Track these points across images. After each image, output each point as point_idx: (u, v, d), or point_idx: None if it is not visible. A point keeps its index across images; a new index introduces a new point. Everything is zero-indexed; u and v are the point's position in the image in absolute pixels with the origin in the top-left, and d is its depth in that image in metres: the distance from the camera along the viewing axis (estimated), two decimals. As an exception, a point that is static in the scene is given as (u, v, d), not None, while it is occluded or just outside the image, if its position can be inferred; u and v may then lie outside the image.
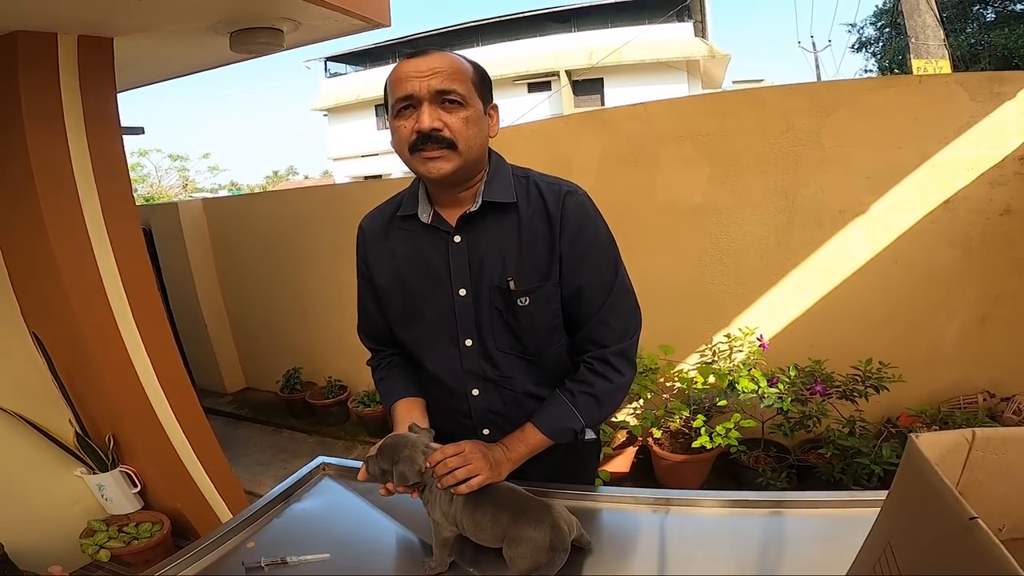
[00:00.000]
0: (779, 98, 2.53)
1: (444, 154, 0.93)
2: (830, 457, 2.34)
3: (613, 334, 1.03)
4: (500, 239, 1.00)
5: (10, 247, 2.16)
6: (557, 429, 1.02)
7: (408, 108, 0.93)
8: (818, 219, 2.51)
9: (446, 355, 1.05)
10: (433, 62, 0.92)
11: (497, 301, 1.00)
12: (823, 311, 2.58)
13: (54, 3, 1.77)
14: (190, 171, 16.30)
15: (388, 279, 1.08)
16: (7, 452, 2.15)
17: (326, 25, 2.35)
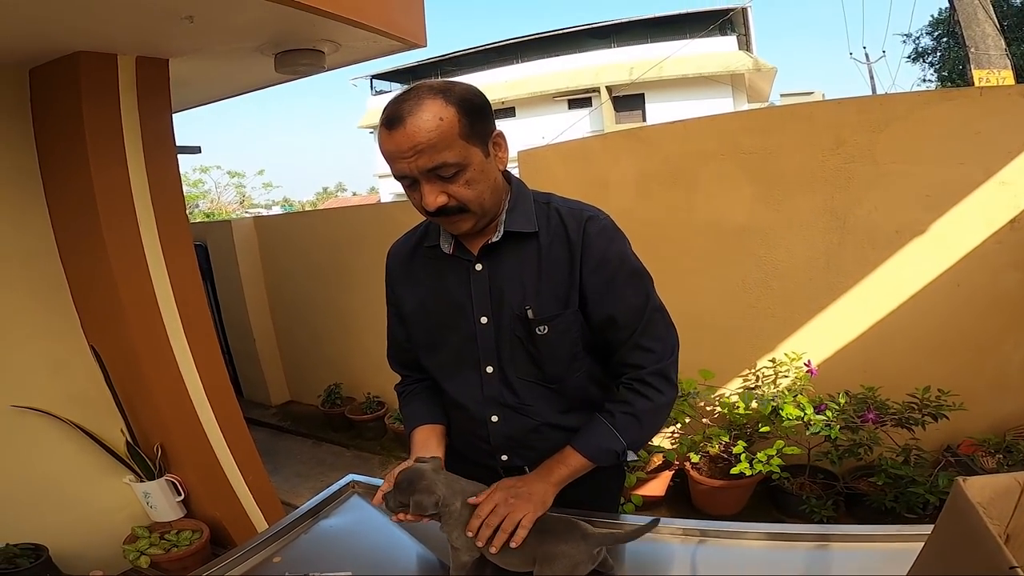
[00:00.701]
0: (828, 113, 2.44)
1: (459, 218, 0.94)
2: (882, 485, 2.22)
3: (650, 356, 1.01)
4: (520, 267, 1.00)
5: (72, 264, 2.28)
6: (598, 451, 0.99)
7: (408, 183, 0.92)
8: (872, 239, 2.39)
9: (467, 381, 1.06)
10: (413, 136, 0.85)
11: (517, 329, 1.00)
12: (877, 336, 2.44)
13: (112, 23, 1.86)
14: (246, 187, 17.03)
15: (413, 307, 1.10)
16: (61, 458, 2.26)
17: (364, 46, 2.42)
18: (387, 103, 0.90)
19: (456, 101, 0.88)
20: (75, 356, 2.30)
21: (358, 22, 2.07)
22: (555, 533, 0.86)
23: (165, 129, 2.31)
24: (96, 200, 2.09)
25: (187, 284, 2.35)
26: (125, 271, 2.17)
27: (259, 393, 4.69)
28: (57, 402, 2.22)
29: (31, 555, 2.00)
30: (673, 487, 2.69)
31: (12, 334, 2.16)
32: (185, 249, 2.38)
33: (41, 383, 2.21)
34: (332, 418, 4.13)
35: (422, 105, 0.86)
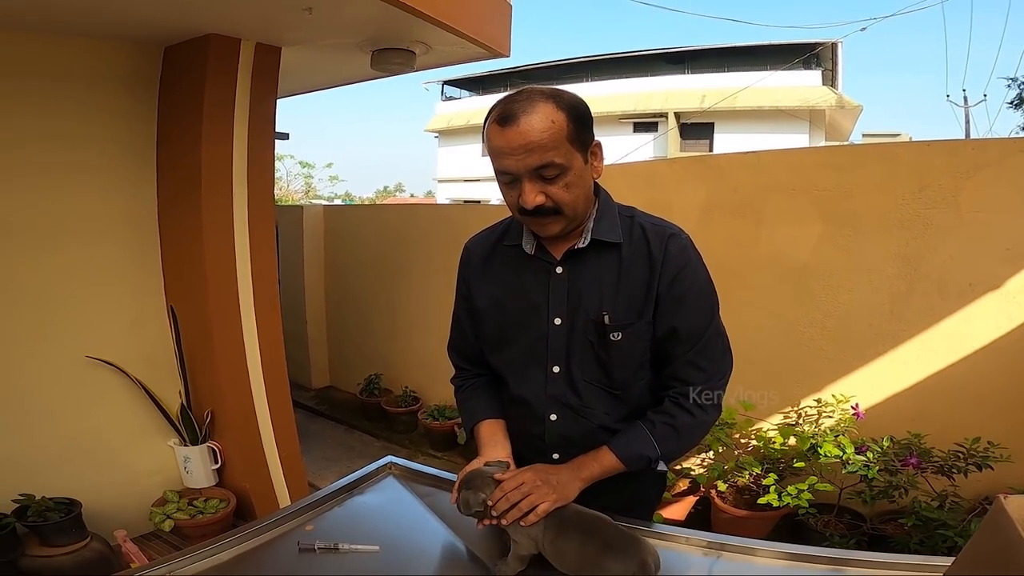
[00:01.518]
0: (913, 154, 2.35)
1: (552, 220, 0.97)
2: (910, 528, 2.14)
3: (701, 375, 1.03)
4: (600, 274, 1.03)
5: (167, 228, 2.45)
6: (631, 455, 1.02)
7: (510, 180, 0.95)
8: (943, 290, 2.28)
9: (532, 379, 1.08)
10: (526, 134, 0.89)
11: (590, 333, 1.03)
12: (933, 387, 2.34)
13: (243, 10, 2.03)
14: (314, 178, 17.73)
15: (487, 303, 1.12)
16: (117, 414, 2.39)
17: (453, 51, 2.52)
18: (497, 103, 0.94)
19: (566, 106, 0.92)
20: (152, 316, 2.46)
21: (451, 27, 2.17)
22: (615, 550, 0.86)
23: (269, 113, 2.47)
24: (201, 173, 2.26)
25: (264, 261, 2.50)
26: (214, 241, 2.33)
27: (302, 375, 4.84)
28: (128, 358, 2.37)
29: (64, 509, 2.09)
30: (694, 513, 2.65)
31: (102, 287, 2.34)
32: (268, 228, 2.53)
33: (117, 338, 2.37)
34: (368, 407, 4.22)
35: (535, 106, 0.90)
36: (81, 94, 2.21)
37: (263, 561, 1.01)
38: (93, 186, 2.29)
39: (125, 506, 2.34)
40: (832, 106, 15.45)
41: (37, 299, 2.19)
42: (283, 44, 2.40)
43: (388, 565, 0.98)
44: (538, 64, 20.53)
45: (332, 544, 1.00)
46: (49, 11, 1.91)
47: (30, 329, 2.17)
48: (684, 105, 16.77)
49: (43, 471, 2.15)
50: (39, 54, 2.10)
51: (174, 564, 0.95)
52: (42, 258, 2.19)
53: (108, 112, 2.29)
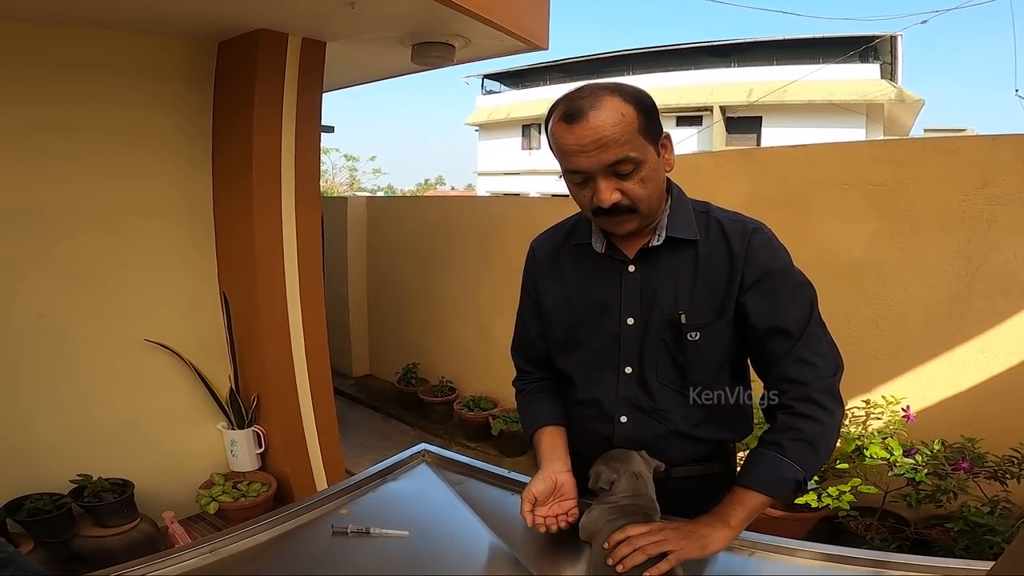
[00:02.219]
0: (977, 149, 2.21)
1: (626, 217, 0.93)
2: (956, 533, 2.04)
3: (814, 371, 0.95)
4: (675, 272, 0.99)
5: (221, 216, 2.56)
6: (776, 483, 0.92)
7: (582, 179, 0.91)
8: (1005, 290, 2.15)
9: (602, 380, 1.05)
10: (597, 130, 0.85)
11: (665, 333, 0.99)
12: (991, 391, 2.21)
13: (291, 6, 2.11)
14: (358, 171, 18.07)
15: (555, 303, 1.09)
16: (172, 396, 2.50)
17: (491, 44, 2.52)
18: (559, 101, 0.90)
19: (633, 99, 0.89)
20: (206, 301, 2.57)
21: (490, 20, 2.17)
22: None
23: (315, 106, 2.54)
24: (253, 163, 2.35)
25: (310, 250, 2.57)
26: (264, 229, 2.42)
27: (343, 363, 4.94)
28: (182, 342, 2.48)
29: (117, 490, 2.18)
30: None
31: (162, 273, 2.46)
32: (314, 218, 2.60)
33: (174, 322, 2.48)
34: (404, 396, 4.29)
35: (602, 101, 0.86)
36: (144, 86, 2.33)
37: (299, 542, 1.04)
38: (155, 172, 2.41)
39: (173, 488, 2.44)
40: (891, 100, 14.68)
41: (101, 281, 2.31)
42: (328, 39, 2.46)
43: (416, 549, 0.99)
44: (578, 58, 20.29)
45: (364, 528, 1.03)
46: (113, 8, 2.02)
47: (93, 310, 2.29)
48: (730, 98, 16.27)
49: (99, 451, 2.27)
50: (106, 49, 2.21)
51: (216, 543, 0.99)
52: (105, 239, 2.31)
53: (169, 103, 2.40)
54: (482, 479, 1.23)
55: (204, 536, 1.03)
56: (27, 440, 2.14)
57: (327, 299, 4.87)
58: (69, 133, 2.17)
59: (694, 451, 1.04)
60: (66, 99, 2.15)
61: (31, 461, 2.14)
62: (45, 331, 2.18)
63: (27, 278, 2.14)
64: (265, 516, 1.07)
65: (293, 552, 1.02)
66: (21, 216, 2.10)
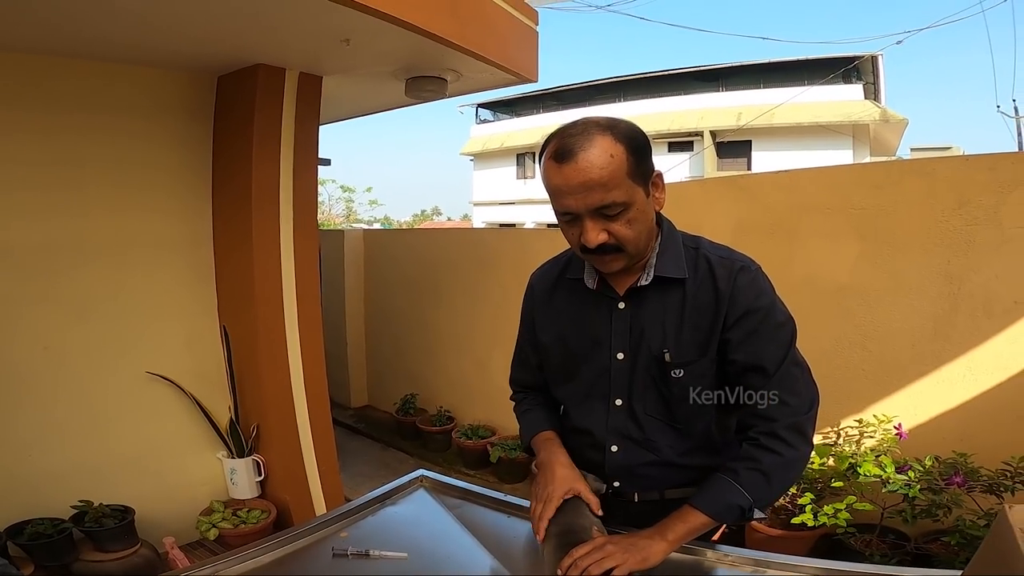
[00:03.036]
0: (952, 170, 2.29)
1: (614, 256, 0.95)
2: (954, 546, 2.05)
3: (785, 410, 0.97)
4: (663, 310, 1.01)
5: (221, 250, 2.61)
6: (722, 507, 0.96)
7: (570, 218, 0.93)
8: (988, 309, 2.21)
9: (594, 410, 1.08)
10: (585, 172, 0.86)
11: (652, 369, 1.02)
12: (980, 407, 2.25)
13: (288, 42, 2.19)
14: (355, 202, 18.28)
15: (551, 337, 1.12)
16: (172, 427, 2.52)
17: (482, 78, 2.63)
18: (553, 136, 0.91)
19: (624, 138, 0.89)
20: (206, 334, 2.61)
21: (480, 55, 2.27)
22: None
23: (312, 140, 2.62)
24: (252, 195, 2.41)
25: (307, 282, 2.62)
26: (263, 262, 2.47)
27: (341, 394, 4.95)
28: (183, 375, 2.51)
29: (118, 516, 2.20)
30: (729, 532, 2.56)
31: (164, 306, 2.50)
32: (311, 250, 2.66)
33: (174, 354, 2.52)
34: (403, 426, 4.29)
35: (592, 141, 0.87)
36: (146, 119, 2.39)
37: (299, 564, 1.06)
38: (157, 207, 2.46)
39: (174, 514, 2.45)
40: (876, 120, 15.00)
41: (104, 314, 2.35)
42: (324, 73, 2.55)
43: (415, 571, 1.01)
44: (571, 85, 20.71)
45: (363, 550, 1.05)
46: (113, 41, 2.08)
47: (96, 344, 2.33)
48: (720, 123, 16.59)
49: (100, 478, 2.28)
50: (107, 82, 2.28)
51: (219, 565, 1.01)
52: (110, 274, 2.36)
53: (170, 136, 2.47)
54: (479, 503, 1.25)
55: (205, 559, 1.05)
56: (29, 468, 2.16)
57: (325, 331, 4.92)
58: (72, 167, 2.22)
59: (684, 477, 1.07)
60: (68, 133, 2.21)
61: (33, 488, 2.15)
62: (48, 363, 2.21)
63: (32, 312, 2.18)
64: (266, 539, 1.09)
65: (294, 573, 1.05)
66: (26, 251, 2.15)
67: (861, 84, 15.85)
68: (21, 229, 2.14)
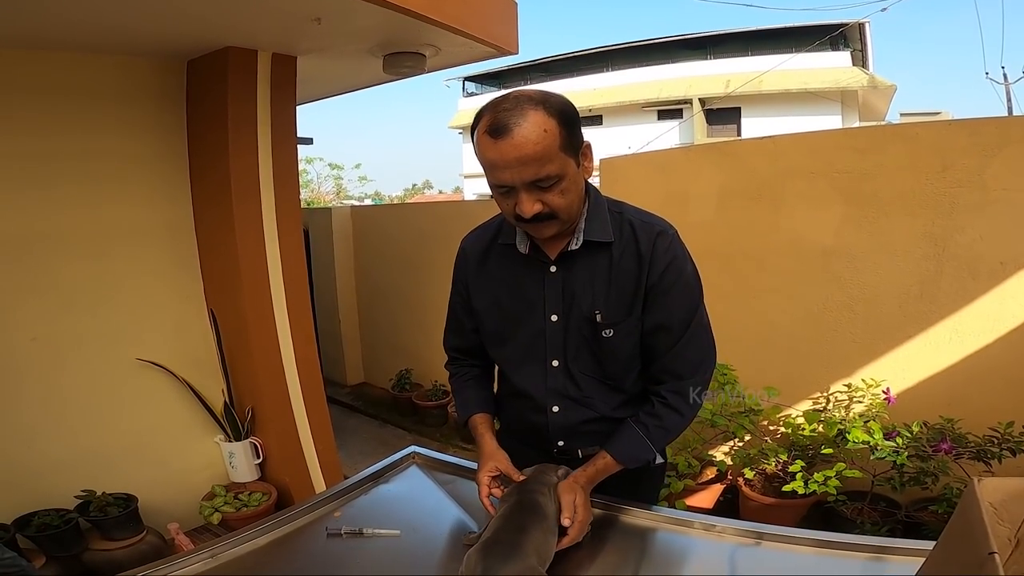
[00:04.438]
0: (934, 135, 2.29)
1: (547, 224, 0.98)
2: (942, 514, 2.10)
3: (688, 366, 1.07)
4: (592, 273, 1.05)
5: (204, 235, 2.58)
6: (629, 457, 1.08)
7: (505, 190, 0.95)
8: (973, 270, 2.23)
9: (533, 373, 1.12)
10: (520, 147, 0.87)
11: (584, 329, 1.07)
12: (967, 370, 2.28)
13: (257, 22, 2.12)
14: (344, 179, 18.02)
15: (485, 302, 1.15)
16: (167, 412, 2.52)
17: (462, 51, 2.57)
18: (485, 110, 0.93)
19: (556, 113, 0.91)
20: (195, 319, 2.60)
21: (458, 29, 2.22)
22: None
23: (290, 120, 2.57)
24: (231, 181, 2.37)
25: (293, 262, 2.60)
26: (246, 245, 2.44)
27: (337, 372, 4.98)
28: (174, 360, 2.51)
29: (122, 504, 2.22)
30: (723, 502, 2.64)
31: (150, 295, 2.49)
32: (295, 230, 2.63)
33: (164, 340, 2.51)
34: (399, 402, 4.33)
35: (526, 116, 0.88)
36: (116, 110, 2.34)
37: (295, 545, 1.09)
38: (134, 196, 2.42)
39: (176, 500, 2.47)
40: (864, 86, 14.92)
41: (89, 305, 2.33)
42: (298, 53, 2.49)
43: (409, 547, 1.04)
44: (558, 56, 20.37)
45: (357, 529, 1.07)
46: (72, 28, 2.01)
47: (85, 333, 2.32)
48: (708, 90, 16.43)
49: (102, 468, 2.30)
50: (72, 73, 2.22)
51: (216, 548, 1.03)
52: (91, 265, 2.33)
53: (141, 126, 2.41)
54: (471, 478, 1.25)
55: (205, 543, 1.07)
56: (30, 459, 2.17)
57: (317, 310, 4.88)
58: (45, 161, 2.18)
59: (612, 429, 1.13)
60: (38, 127, 2.16)
61: (35, 479, 2.16)
62: (39, 355, 2.20)
63: (19, 304, 2.16)
64: (262, 521, 1.11)
65: (290, 555, 1.07)
66: (8, 243, 2.12)
67: (849, 51, 15.74)
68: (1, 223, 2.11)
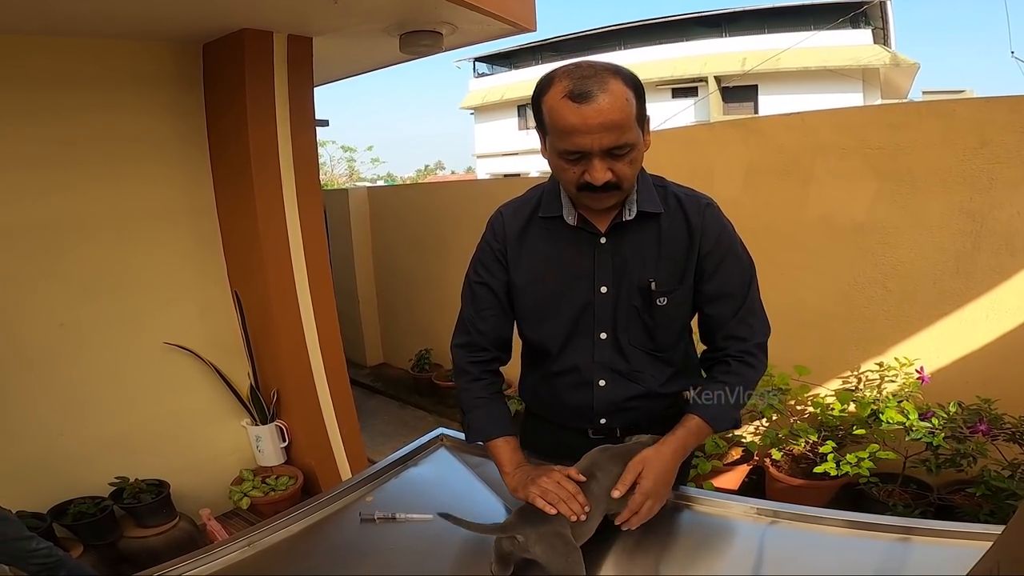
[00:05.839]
0: (972, 111, 2.21)
1: (609, 194, 0.97)
2: (979, 498, 2.05)
3: (752, 330, 1.10)
4: (642, 243, 1.06)
5: (226, 218, 2.58)
6: (718, 418, 1.06)
7: (577, 156, 0.93)
8: (1011, 246, 2.16)
9: (579, 347, 1.10)
10: (603, 113, 0.87)
11: (635, 300, 1.06)
12: (1004, 348, 2.22)
13: (272, 4, 2.10)
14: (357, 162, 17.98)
15: (526, 276, 1.11)
16: (195, 396, 2.54)
17: (478, 29, 2.53)
18: (558, 75, 0.91)
19: (631, 84, 0.92)
20: (219, 302, 2.61)
21: (475, 5, 2.17)
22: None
23: (307, 101, 2.54)
24: (251, 164, 2.36)
25: (315, 243, 2.60)
26: (268, 227, 2.44)
27: (356, 353, 4.99)
28: (201, 343, 2.52)
29: (154, 490, 2.24)
30: (748, 483, 2.63)
31: (174, 276, 2.50)
32: (316, 211, 2.62)
33: (190, 324, 2.52)
34: (419, 382, 4.35)
35: (608, 84, 0.88)
36: (134, 93, 2.33)
37: (330, 531, 1.08)
38: (156, 179, 2.43)
39: (205, 485, 2.50)
40: (886, 64, 14.49)
41: (114, 288, 2.34)
42: (313, 34, 2.46)
43: (442, 532, 1.01)
44: (570, 35, 20.02)
45: (390, 514, 1.07)
46: (88, 15, 1.99)
47: (110, 317, 2.33)
48: (724, 68, 16.09)
49: (132, 454, 2.33)
50: (90, 59, 2.21)
51: (253, 536, 1.03)
52: (115, 249, 2.34)
53: (160, 108, 2.40)
54: None
55: (240, 531, 1.06)
56: (61, 447, 2.20)
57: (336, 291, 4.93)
58: (65, 146, 2.18)
59: (663, 406, 1.13)
60: (54, 111, 2.15)
61: (68, 467, 2.19)
62: (66, 341, 2.22)
63: (43, 290, 2.18)
64: (296, 508, 1.11)
65: (325, 541, 1.06)
66: (25, 230, 2.13)
67: (870, 29, 15.26)
68: (17, 209, 2.11)
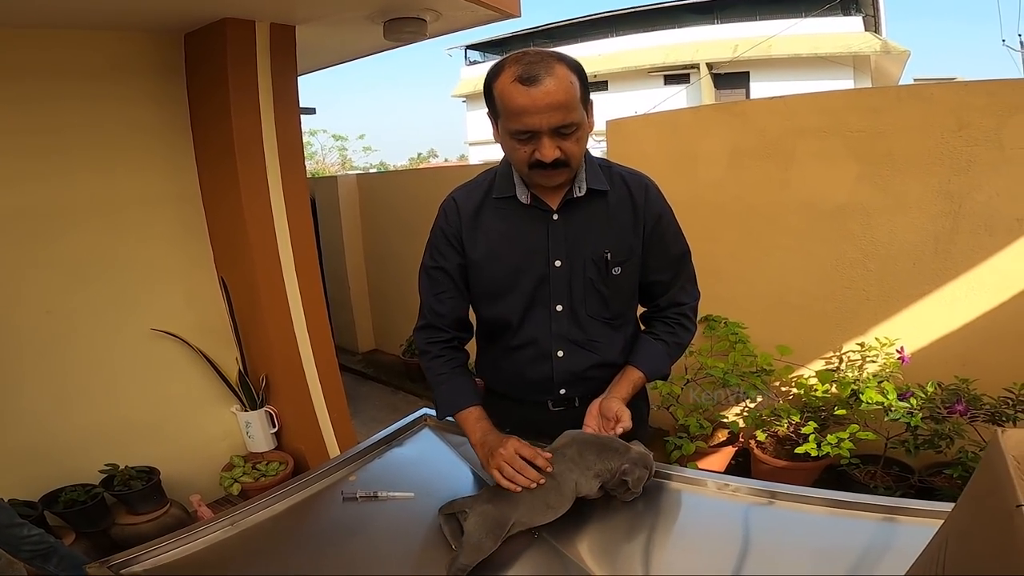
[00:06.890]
0: (951, 95, 2.24)
1: (558, 172, 1.05)
2: (957, 478, 2.09)
3: (690, 295, 1.25)
4: (592, 218, 1.14)
5: (211, 205, 2.58)
6: (653, 370, 1.19)
7: (528, 136, 1.00)
8: (989, 227, 2.20)
9: (537, 320, 1.16)
10: (550, 94, 0.95)
11: (591, 271, 1.13)
12: (983, 328, 2.26)
13: None
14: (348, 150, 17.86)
15: (483, 253, 1.16)
16: (183, 382, 2.55)
17: (463, 15, 2.53)
18: (507, 63, 0.99)
19: (575, 69, 1.00)
20: (206, 288, 2.61)
21: (458, -9, 2.15)
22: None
23: (291, 90, 2.54)
24: (235, 151, 2.36)
25: (301, 229, 2.60)
26: (253, 213, 2.44)
27: (348, 340, 5.02)
28: (188, 329, 2.53)
29: (144, 477, 2.25)
30: (735, 465, 2.66)
31: (160, 263, 2.50)
32: (302, 199, 2.63)
33: (177, 311, 2.53)
34: (410, 368, 4.36)
35: (554, 68, 0.96)
36: (117, 82, 2.32)
37: (313, 510, 1.11)
38: (140, 166, 2.42)
39: (196, 472, 2.51)
40: (877, 51, 14.48)
41: (101, 275, 2.34)
42: (296, 22, 2.45)
43: (423, 509, 1.05)
44: (562, 22, 19.88)
45: (372, 492, 1.10)
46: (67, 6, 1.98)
47: (98, 304, 2.33)
48: (716, 55, 16.01)
49: (122, 441, 2.33)
50: (72, 49, 2.21)
51: (235, 516, 1.05)
52: (101, 236, 2.34)
53: (144, 97, 2.40)
54: None
55: (224, 511, 1.08)
56: (51, 434, 2.20)
57: (327, 278, 4.91)
58: (51, 135, 2.18)
59: (613, 375, 1.19)
60: (37, 102, 2.15)
61: (58, 454, 2.20)
62: (54, 328, 2.22)
63: (30, 277, 2.18)
64: (279, 487, 1.13)
65: (308, 520, 1.09)
66: (15, 217, 2.13)
67: (861, 16, 15.23)
68: (9, 196, 2.11)
